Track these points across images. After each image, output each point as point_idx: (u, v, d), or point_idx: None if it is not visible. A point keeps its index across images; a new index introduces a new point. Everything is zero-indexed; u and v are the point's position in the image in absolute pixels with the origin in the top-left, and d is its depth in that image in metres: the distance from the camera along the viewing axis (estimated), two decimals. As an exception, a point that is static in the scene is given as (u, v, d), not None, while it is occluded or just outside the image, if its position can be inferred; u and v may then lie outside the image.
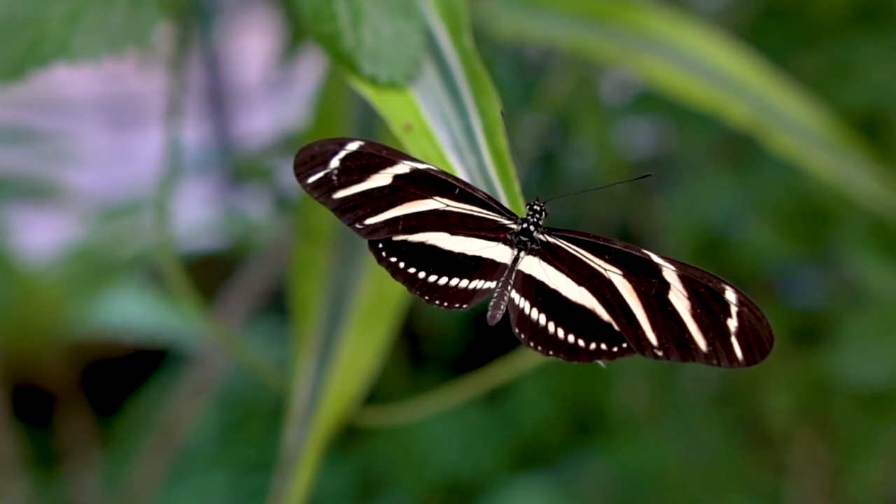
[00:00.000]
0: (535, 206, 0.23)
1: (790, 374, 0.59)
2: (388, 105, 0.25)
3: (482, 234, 0.23)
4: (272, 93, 0.71)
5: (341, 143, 0.23)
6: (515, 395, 0.77)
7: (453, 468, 0.76)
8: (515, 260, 0.23)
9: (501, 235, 0.23)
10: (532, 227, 0.23)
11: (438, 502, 0.76)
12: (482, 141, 0.24)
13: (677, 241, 0.62)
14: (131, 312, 0.75)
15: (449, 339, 0.85)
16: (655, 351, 0.21)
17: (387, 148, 0.23)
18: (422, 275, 0.23)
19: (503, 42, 0.44)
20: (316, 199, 0.23)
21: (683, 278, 0.21)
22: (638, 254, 0.22)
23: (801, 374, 0.58)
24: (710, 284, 0.21)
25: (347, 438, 0.77)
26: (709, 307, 0.21)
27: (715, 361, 0.21)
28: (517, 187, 0.23)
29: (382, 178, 0.23)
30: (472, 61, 0.26)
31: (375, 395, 0.34)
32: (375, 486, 0.78)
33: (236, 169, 0.73)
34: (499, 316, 0.22)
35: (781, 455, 0.64)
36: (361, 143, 0.23)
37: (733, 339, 0.21)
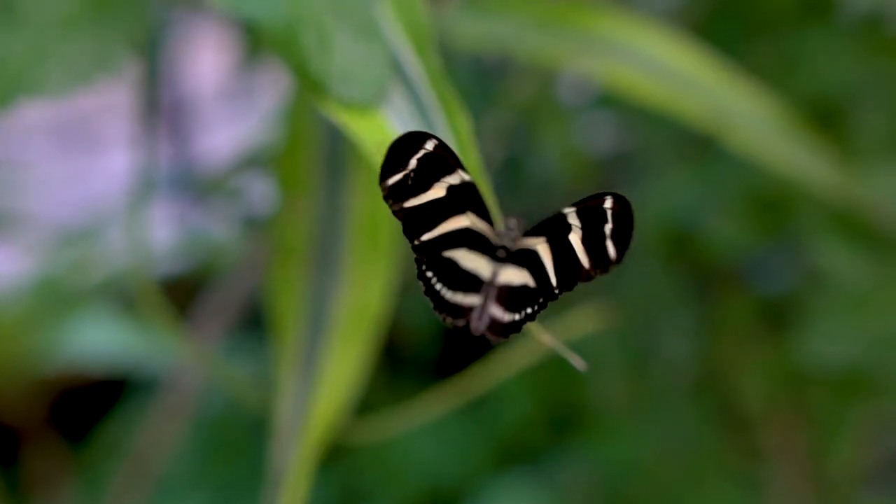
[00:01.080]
0: (511, 223, 0.23)
1: (763, 358, 0.60)
2: (359, 126, 0.25)
3: (480, 249, 0.23)
4: (228, 110, 0.70)
5: (422, 140, 0.22)
6: (494, 396, 0.77)
7: (435, 473, 0.76)
8: (494, 274, 0.23)
9: (489, 251, 0.23)
10: (508, 244, 0.23)
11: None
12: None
13: (643, 237, 0.62)
14: (98, 340, 0.73)
15: (424, 345, 0.85)
16: (555, 292, 0.22)
17: (451, 149, 0.22)
18: (442, 290, 0.22)
19: (461, 50, 0.44)
20: (389, 207, 0.22)
21: (579, 211, 0.22)
22: (552, 215, 0.22)
23: (773, 358, 0.60)
24: (593, 201, 0.21)
25: (327, 451, 0.77)
26: (592, 225, 0.21)
27: (593, 273, 0.21)
28: (492, 201, 0.24)
29: (441, 188, 0.22)
30: (440, 81, 0.26)
31: (356, 405, 0.34)
32: (357, 498, 0.78)
33: (199, 188, 0.73)
34: (482, 328, 0.22)
35: (759, 439, 0.65)
36: (436, 141, 0.22)
37: (608, 243, 0.21)
